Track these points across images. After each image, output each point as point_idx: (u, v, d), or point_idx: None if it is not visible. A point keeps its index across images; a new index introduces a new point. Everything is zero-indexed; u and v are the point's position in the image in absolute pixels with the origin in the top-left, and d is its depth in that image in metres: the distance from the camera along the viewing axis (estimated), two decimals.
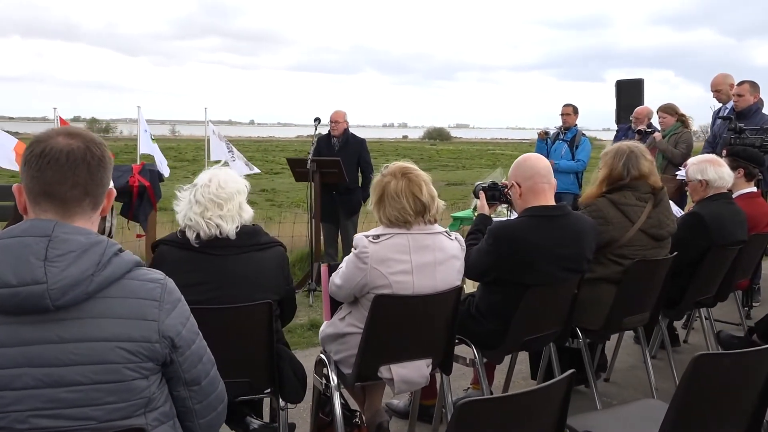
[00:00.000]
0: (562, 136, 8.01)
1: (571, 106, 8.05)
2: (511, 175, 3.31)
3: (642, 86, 10.34)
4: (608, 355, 4.57)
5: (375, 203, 2.88)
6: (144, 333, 1.63)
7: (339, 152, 7.12)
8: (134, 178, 6.38)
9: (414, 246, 2.80)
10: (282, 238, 8.99)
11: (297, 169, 6.97)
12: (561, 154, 7.88)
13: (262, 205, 17.05)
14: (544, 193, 3.21)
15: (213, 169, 2.77)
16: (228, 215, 2.66)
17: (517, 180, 3.27)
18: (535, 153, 3.39)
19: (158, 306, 1.66)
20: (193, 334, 1.75)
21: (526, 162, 3.26)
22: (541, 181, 3.20)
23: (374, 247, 2.77)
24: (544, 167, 3.23)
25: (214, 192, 2.66)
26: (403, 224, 2.81)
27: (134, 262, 1.69)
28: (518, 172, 3.27)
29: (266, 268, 2.73)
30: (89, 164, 1.65)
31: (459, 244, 2.96)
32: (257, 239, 2.74)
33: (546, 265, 3.11)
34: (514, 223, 3.19)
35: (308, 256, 7.04)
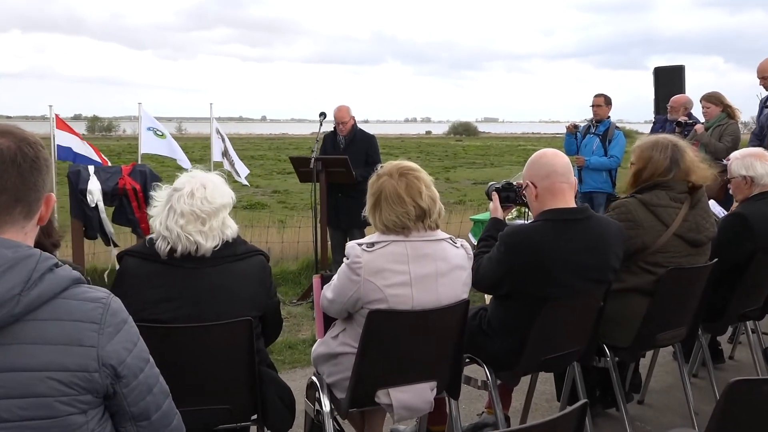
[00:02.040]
0: (594, 130, 7.86)
1: (602, 96, 7.89)
2: (525, 175, 3.21)
3: (682, 73, 10.17)
4: (643, 374, 4.41)
5: (370, 207, 2.81)
6: (80, 361, 1.53)
7: (346, 150, 7.03)
8: (123, 180, 6.35)
9: (413, 255, 2.71)
10: (288, 244, 9.04)
11: (301, 169, 6.91)
12: (592, 149, 7.74)
13: (274, 207, 17.06)
14: (563, 194, 3.10)
15: (199, 173, 2.69)
16: (210, 232, 2.58)
17: (532, 180, 3.16)
18: (551, 149, 3.26)
19: (98, 329, 1.56)
20: (141, 362, 1.64)
21: (541, 159, 3.14)
22: (559, 180, 3.09)
23: (368, 256, 2.69)
24: (563, 164, 3.11)
25: (198, 205, 2.58)
26: (401, 230, 2.73)
27: (72, 279, 1.58)
28: (533, 170, 3.17)
29: (244, 281, 2.65)
30: (20, 166, 1.55)
31: (465, 252, 2.86)
32: (233, 249, 2.66)
33: (566, 276, 3.01)
34: (529, 228, 3.08)
35: (313, 265, 6.99)
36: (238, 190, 10.55)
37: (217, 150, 9.51)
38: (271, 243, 8.87)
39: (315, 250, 6.84)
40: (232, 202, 2.69)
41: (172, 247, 2.56)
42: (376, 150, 7.21)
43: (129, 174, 6.39)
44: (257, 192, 21.24)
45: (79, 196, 6.01)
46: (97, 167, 6.36)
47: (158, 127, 8.74)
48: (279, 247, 8.81)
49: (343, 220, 7.03)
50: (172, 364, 2.42)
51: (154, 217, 2.62)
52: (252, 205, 17.30)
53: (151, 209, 2.65)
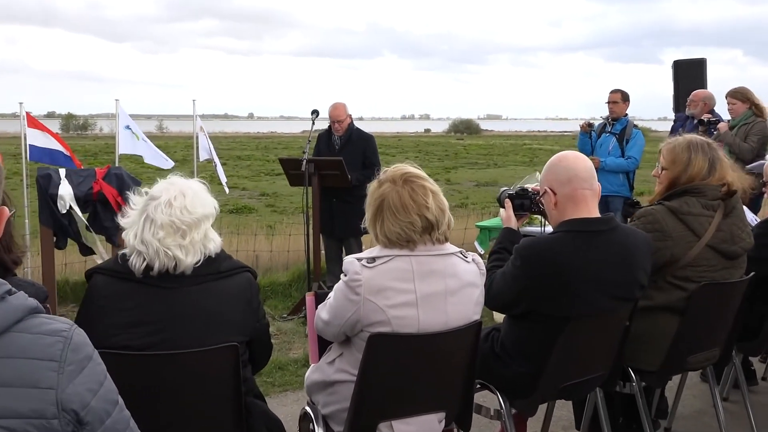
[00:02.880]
0: (610, 129, 7.76)
1: (619, 92, 7.80)
2: (543, 180, 3.11)
3: (704, 67, 10.09)
4: (669, 398, 4.30)
5: (371, 217, 2.72)
6: (36, 406, 1.40)
7: (341, 151, 6.96)
8: (98, 185, 6.23)
9: (419, 271, 2.61)
10: (277, 253, 8.93)
11: (291, 171, 6.85)
12: (608, 149, 7.65)
13: (262, 212, 17.00)
14: (585, 202, 3.01)
15: (178, 179, 2.59)
16: (190, 247, 2.47)
17: (551, 186, 3.06)
18: (572, 151, 3.18)
19: (57, 368, 1.43)
20: (109, 405, 1.51)
21: (561, 163, 3.04)
22: (582, 186, 3.00)
23: (368, 273, 2.58)
24: (585, 169, 3.01)
25: (178, 215, 2.47)
26: (406, 244, 2.63)
27: (27, 309, 1.45)
28: (553, 176, 3.07)
29: (229, 301, 2.55)
30: None
31: (477, 268, 2.77)
32: (216, 266, 2.56)
33: (589, 293, 2.92)
34: (547, 240, 2.99)
35: (305, 276, 6.91)
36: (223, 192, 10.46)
37: (203, 149, 9.44)
38: (259, 251, 8.79)
39: (307, 260, 6.77)
40: (215, 212, 2.59)
41: (148, 263, 2.45)
42: (375, 151, 7.13)
43: (103, 178, 6.26)
44: (244, 195, 21.17)
45: (49, 201, 5.88)
46: (69, 170, 6.23)
47: (133, 128, 8.65)
48: (267, 256, 8.74)
49: (337, 227, 6.96)
50: (146, 398, 2.32)
51: (128, 229, 2.51)
52: (238, 209, 17.22)
53: (124, 220, 2.53)
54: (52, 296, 5.54)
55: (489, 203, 18.25)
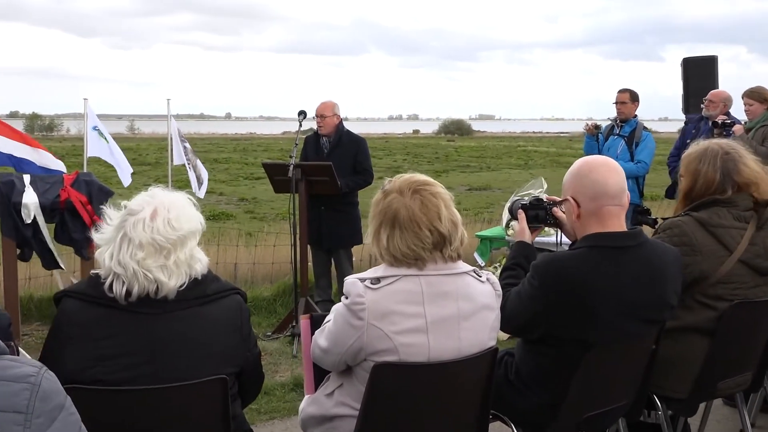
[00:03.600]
0: (618, 131, 7.74)
1: (627, 91, 7.78)
2: (568, 186, 3.01)
3: (715, 65, 10.11)
4: (693, 425, 4.19)
5: (374, 232, 2.61)
6: None
7: (330, 155, 6.88)
8: (66, 192, 6.09)
9: (429, 293, 2.53)
10: (260, 266, 8.81)
11: (276, 177, 6.73)
12: (616, 153, 7.58)
13: (241, 219, 16.90)
14: (612, 219, 2.94)
15: (159, 192, 2.48)
16: (174, 268, 2.36)
17: (576, 196, 2.97)
18: (603, 159, 3.04)
19: (24, 421, 1.30)
20: None
21: (591, 175, 2.94)
22: (610, 203, 2.92)
23: (373, 295, 2.49)
24: (616, 184, 2.93)
25: (161, 231, 2.35)
26: (414, 262, 2.54)
27: None
28: (578, 186, 2.98)
29: (217, 329, 2.45)
30: None
31: (492, 289, 2.69)
32: (202, 289, 2.45)
33: (615, 316, 2.84)
34: (569, 257, 2.90)
35: (292, 290, 6.77)
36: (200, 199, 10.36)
37: (177, 153, 9.35)
38: (240, 263, 8.67)
39: (294, 273, 6.65)
40: (202, 229, 2.48)
41: (126, 287, 2.33)
42: (366, 155, 7.06)
43: (72, 185, 6.12)
44: (221, 200, 21.07)
45: (12, 211, 5.73)
46: (35, 176, 6.09)
47: (101, 128, 8.54)
48: (248, 268, 8.61)
49: (326, 238, 6.89)
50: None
51: (102, 247, 2.39)
52: (215, 216, 17.11)
53: (98, 236, 2.41)
54: (15, 316, 5.38)
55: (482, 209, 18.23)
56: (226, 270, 8.58)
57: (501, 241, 7.05)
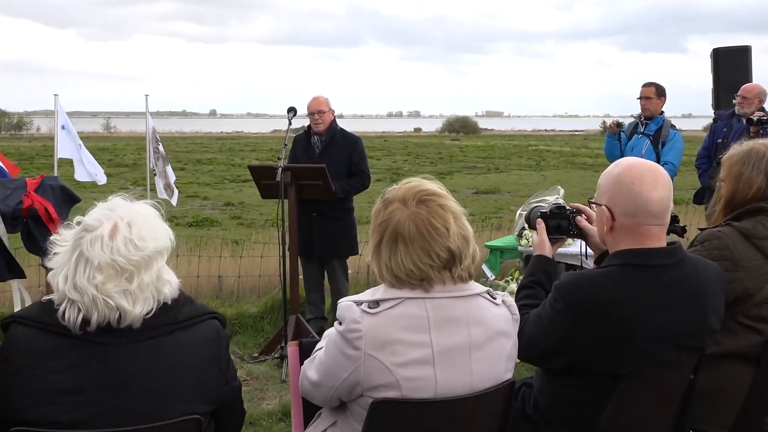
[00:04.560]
0: (642, 129, 7.77)
1: (653, 85, 7.79)
2: (604, 192, 2.88)
3: (748, 57, 10.11)
4: None
5: (374, 247, 2.53)
6: None
7: (322, 156, 6.83)
8: (29, 198, 6.03)
9: (436, 319, 2.44)
10: (246, 279, 8.73)
11: (263, 182, 6.68)
12: (641, 153, 7.56)
13: (227, 225, 16.87)
14: (650, 238, 2.82)
15: (121, 203, 2.38)
16: (138, 293, 2.26)
17: (612, 207, 2.85)
18: (648, 165, 2.88)
19: None
20: None
21: (633, 187, 2.79)
22: (651, 222, 2.80)
23: (371, 321, 2.40)
24: (660, 201, 2.79)
25: (122, 251, 2.24)
26: (419, 283, 2.45)
27: None
28: (617, 196, 2.84)
29: (190, 360, 2.35)
30: None
31: (509, 312, 2.60)
32: (173, 314, 2.35)
33: (650, 344, 2.74)
34: (598, 276, 2.79)
35: (281, 307, 6.70)
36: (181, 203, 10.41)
37: (152, 155, 9.34)
38: (225, 276, 8.61)
39: (283, 288, 6.59)
40: (170, 245, 2.38)
41: (83, 315, 2.23)
42: (363, 156, 7.01)
43: (36, 190, 6.07)
44: (205, 205, 21.05)
45: None
46: None
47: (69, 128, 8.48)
48: (234, 281, 8.53)
49: (319, 248, 6.84)
50: None
51: (56, 269, 2.28)
52: (198, 222, 17.08)
53: (51, 258, 2.31)
54: None
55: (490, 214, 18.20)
56: (210, 283, 8.56)
57: (513, 251, 6.95)
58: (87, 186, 8.93)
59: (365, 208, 17.68)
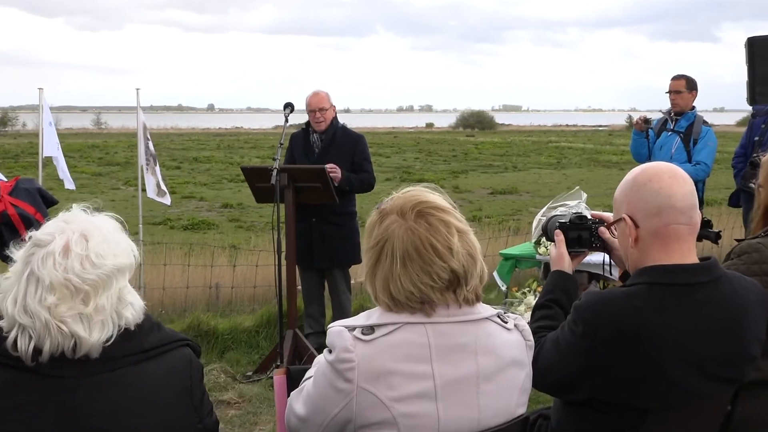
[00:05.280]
0: (672, 126, 7.74)
1: (683, 78, 7.81)
2: (621, 203, 2.82)
3: None
4: None
5: (369, 266, 2.43)
6: None
7: (322, 156, 6.77)
8: (2, 203, 5.97)
9: (439, 346, 2.34)
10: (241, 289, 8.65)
11: (258, 184, 6.64)
12: (670, 152, 7.60)
13: (225, 228, 16.87)
14: (679, 242, 2.73)
15: (79, 216, 2.29)
16: (95, 316, 2.15)
17: (632, 214, 2.77)
18: (664, 164, 2.87)
19: None
20: None
21: (651, 185, 2.75)
22: (676, 220, 2.71)
23: (365, 349, 2.30)
24: (684, 195, 2.73)
25: (76, 269, 2.14)
26: (420, 306, 2.35)
27: None
28: (635, 200, 2.78)
29: (157, 395, 2.25)
30: None
31: (522, 338, 2.50)
32: (137, 342, 2.24)
33: (682, 374, 2.64)
34: (623, 296, 2.69)
35: (276, 321, 6.68)
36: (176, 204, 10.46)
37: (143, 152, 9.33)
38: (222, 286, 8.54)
39: (279, 300, 6.54)
40: (134, 262, 2.28)
41: (35, 343, 2.12)
42: (366, 156, 6.96)
43: (10, 193, 6.01)
44: (202, 206, 21.10)
45: None
46: None
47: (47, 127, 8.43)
48: (229, 292, 8.48)
49: (319, 256, 6.81)
50: None
51: (4, 293, 2.17)
52: (195, 225, 17.12)
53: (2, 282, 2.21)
54: None
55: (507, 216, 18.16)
56: (204, 293, 8.50)
57: (530, 260, 6.82)
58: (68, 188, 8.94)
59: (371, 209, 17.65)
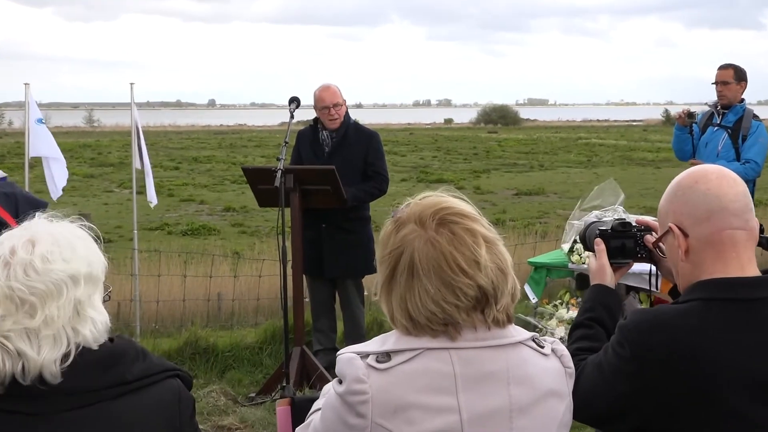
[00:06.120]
0: (719, 120, 7.64)
1: (731, 68, 7.68)
2: (667, 211, 2.72)
3: None
4: None
5: (384, 282, 2.32)
6: None
7: (332, 155, 6.76)
8: None
9: (466, 375, 2.23)
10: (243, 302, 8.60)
11: (260, 186, 6.62)
12: (717, 149, 7.52)
13: (227, 233, 16.89)
14: (736, 250, 2.61)
15: (38, 223, 2.23)
16: (45, 331, 2.05)
17: (679, 222, 2.66)
18: (713, 166, 2.79)
19: None
20: None
21: (698, 186, 2.65)
22: (730, 225, 2.60)
23: (380, 379, 2.19)
24: (736, 196, 2.62)
25: (19, 276, 2.06)
26: (443, 329, 2.24)
27: None
28: (682, 205, 2.68)
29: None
30: None
31: (561, 365, 2.38)
32: (118, 372, 2.15)
33: (744, 401, 2.52)
34: (675, 315, 2.59)
35: (282, 337, 6.63)
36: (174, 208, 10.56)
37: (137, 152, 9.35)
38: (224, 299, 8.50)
39: (284, 313, 6.47)
40: (96, 272, 2.18)
41: None
42: (381, 155, 6.96)
43: None
44: (202, 210, 21.16)
45: None
46: None
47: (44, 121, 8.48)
48: (229, 305, 8.48)
49: (329, 265, 6.79)
50: None
51: None
52: (195, 230, 17.15)
53: None
54: None
55: (533, 219, 18.11)
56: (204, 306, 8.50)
57: (563, 269, 6.71)
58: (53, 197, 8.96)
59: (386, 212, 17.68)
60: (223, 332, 7.72)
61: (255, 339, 7.40)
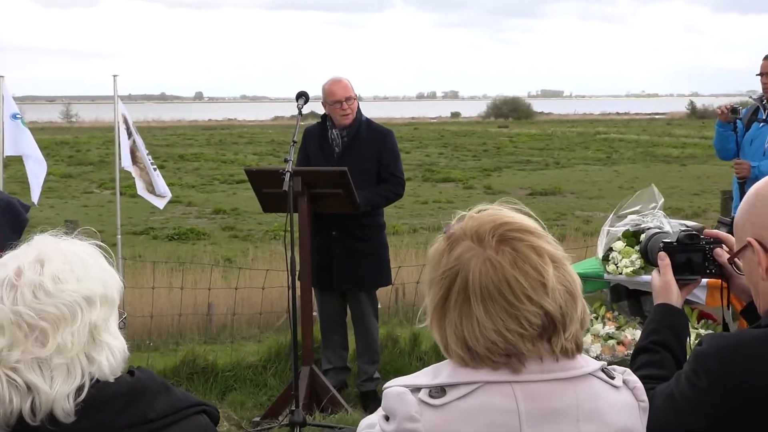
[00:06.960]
0: (765, 115, 7.60)
1: None
2: (741, 225, 2.68)
3: None
4: None
5: (435, 306, 2.23)
6: None
7: (344, 155, 6.72)
8: None
9: (531, 413, 2.17)
10: (243, 316, 8.52)
11: (265, 190, 6.58)
12: (764, 147, 7.48)
13: (217, 238, 16.87)
14: None
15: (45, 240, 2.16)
16: (57, 359, 1.98)
17: (759, 236, 2.61)
18: None
19: None
20: None
21: None
22: None
23: (435, 416, 2.12)
24: None
25: (27, 299, 1.99)
26: (505, 360, 2.17)
27: None
28: (761, 217, 2.64)
29: None
30: None
31: (634, 399, 2.31)
32: (140, 410, 2.08)
33: None
34: (757, 341, 2.54)
35: (290, 355, 6.55)
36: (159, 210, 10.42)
37: (125, 150, 9.32)
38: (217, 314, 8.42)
39: (293, 329, 6.37)
40: (113, 293, 2.12)
41: None
42: (396, 156, 6.94)
43: None
44: (190, 212, 21.13)
45: None
46: None
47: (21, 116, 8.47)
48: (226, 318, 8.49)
49: (340, 277, 6.74)
50: None
51: None
52: (182, 234, 17.12)
53: None
54: None
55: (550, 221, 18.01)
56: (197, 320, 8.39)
57: (595, 279, 6.62)
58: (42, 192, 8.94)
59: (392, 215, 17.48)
60: (221, 348, 7.67)
61: (258, 357, 7.37)
